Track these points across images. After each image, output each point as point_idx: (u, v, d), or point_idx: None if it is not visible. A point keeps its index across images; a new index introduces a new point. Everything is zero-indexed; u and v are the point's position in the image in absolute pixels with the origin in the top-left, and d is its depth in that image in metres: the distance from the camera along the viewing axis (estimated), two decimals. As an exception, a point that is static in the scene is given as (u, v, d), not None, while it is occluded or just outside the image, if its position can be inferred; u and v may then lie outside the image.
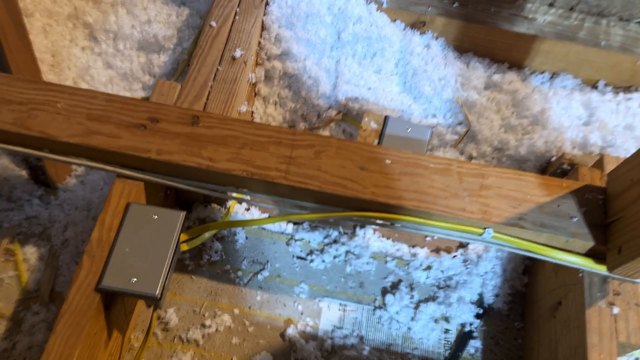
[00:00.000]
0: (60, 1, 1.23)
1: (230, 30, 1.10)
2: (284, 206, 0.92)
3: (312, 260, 1.11)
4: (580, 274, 0.91)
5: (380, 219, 0.88)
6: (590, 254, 0.88)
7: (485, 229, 0.87)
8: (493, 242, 0.89)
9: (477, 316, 1.07)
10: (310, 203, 0.91)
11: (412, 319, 1.06)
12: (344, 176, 0.89)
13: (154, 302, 0.84)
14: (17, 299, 1.02)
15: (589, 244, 0.86)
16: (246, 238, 1.13)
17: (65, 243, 1.08)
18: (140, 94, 1.23)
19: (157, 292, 0.81)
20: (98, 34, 1.24)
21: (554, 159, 1.11)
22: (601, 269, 0.87)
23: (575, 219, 0.88)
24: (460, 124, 1.23)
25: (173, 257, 0.85)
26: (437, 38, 1.25)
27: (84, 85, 1.21)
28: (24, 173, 1.14)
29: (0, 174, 1.13)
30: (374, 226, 1.13)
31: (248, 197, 0.93)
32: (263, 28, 1.18)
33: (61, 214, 1.10)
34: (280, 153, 0.90)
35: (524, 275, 1.11)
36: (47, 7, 1.20)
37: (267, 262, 1.10)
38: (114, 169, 0.90)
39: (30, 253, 1.06)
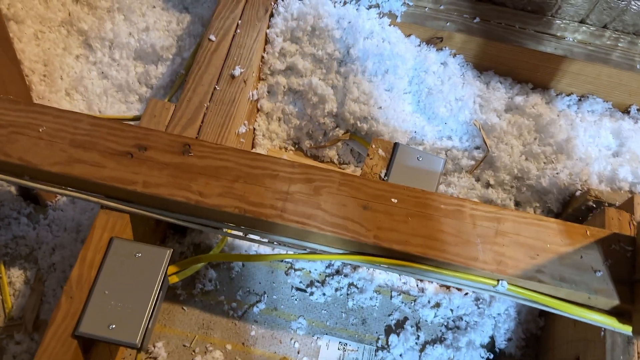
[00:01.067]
0: (54, 6, 1.16)
1: (231, 45, 1.02)
2: (280, 245, 0.85)
3: (312, 293, 1.04)
4: (603, 332, 0.83)
5: (384, 264, 0.81)
6: (614, 313, 0.80)
7: (499, 280, 0.79)
8: (507, 295, 0.81)
9: (487, 362, 1.00)
10: (308, 243, 0.83)
11: (417, 362, 0.99)
12: (346, 216, 0.81)
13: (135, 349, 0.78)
14: (0, 326, 0.97)
15: (614, 301, 0.78)
16: (242, 266, 1.06)
17: (52, 267, 1.02)
18: (136, 106, 1.16)
19: (137, 341, 0.75)
20: (93, 41, 1.17)
21: (578, 193, 1.02)
22: (626, 330, 0.78)
23: (599, 273, 0.79)
24: (477, 148, 1.14)
25: (156, 301, 0.78)
26: (455, 55, 1.16)
27: (77, 97, 1.15)
28: (12, 189, 1.08)
29: (-13, 190, 1.07)
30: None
31: (240, 234, 0.86)
32: (267, 41, 1.10)
33: (49, 235, 1.04)
34: (277, 188, 0.82)
35: (540, 318, 1.03)
36: (40, 12, 1.13)
37: (264, 293, 1.04)
38: (98, 200, 0.84)
39: (15, 276, 1.01)
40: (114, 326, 0.75)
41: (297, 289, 1.05)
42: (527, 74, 1.16)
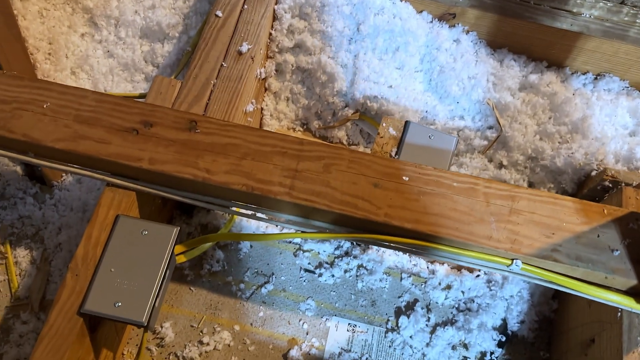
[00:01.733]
0: (59, -17, 1.14)
1: (238, 21, 1.00)
2: (288, 224, 0.83)
3: (320, 275, 1.03)
4: (619, 313, 0.81)
5: (394, 243, 0.79)
6: (631, 293, 0.78)
7: (513, 260, 0.77)
8: (522, 274, 0.79)
9: (500, 344, 0.98)
10: (317, 222, 0.82)
11: (428, 344, 0.97)
12: (356, 194, 0.79)
13: (142, 328, 0.76)
14: (7, 305, 0.97)
15: (631, 281, 0.76)
16: (250, 247, 1.05)
17: (59, 247, 1.01)
18: (142, 85, 1.14)
19: (144, 318, 0.74)
20: (98, 19, 1.15)
21: (594, 173, 0.99)
22: (644, 311, 0.76)
23: (616, 252, 0.77)
24: (490, 128, 1.11)
25: (163, 279, 0.77)
26: (468, 32, 1.13)
27: (83, 75, 1.13)
28: (18, 169, 1.07)
29: (-7, 170, 1.06)
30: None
31: (248, 212, 0.84)
32: (274, 18, 1.08)
33: (55, 215, 1.03)
34: (285, 165, 0.81)
35: (554, 300, 1.01)
36: (44, -11, 1.11)
37: (272, 274, 1.02)
38: (103, 177, 0.82)
39: (22, 256, 1.00)
40: (120, 304, 0.74)
41: (306, 270, 1.03)
42: (542, 52, 1.13)
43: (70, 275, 0.76)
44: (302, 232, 0.83)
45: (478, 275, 1.03)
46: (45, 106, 0.82)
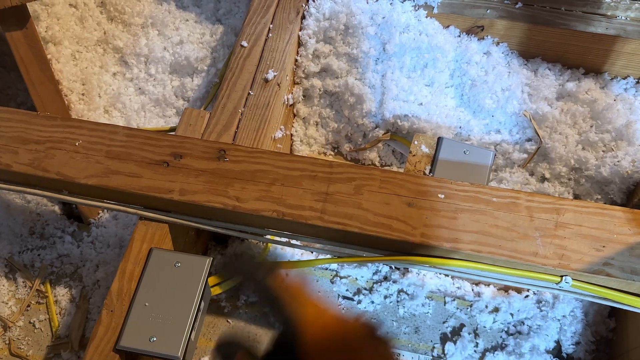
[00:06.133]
0: (90, 26, 1.17)
1: (263, 49, 1.00)
2: (323, 250, 0.81)
3: (359, 301, 0.99)
4: (686, 330, 0.74)
5: (433, 265, 0.76)
6: (698, 307, 0.71)
7: (562, 276, 0.72)
8: (573, 292, 0.74)
9: (554, 368, 0.92)
10: (351, 246, 0.79)
11: (476, 371, 0.92)
12: (389, 215, 0.76)
13: (178, 362, 0.75)
14: (48, 345, 0.97)
15: (697, 295, 0.70)
16: (286, 275, 1.02)
17: (97, 284, 1.02)
18: (174, 119, 1.16)
19: (179, 353, 0.72)
20: (129, 58, 1.18)
21: (644, 181, 0.93)
22: None
23: (677, 264, 0.71)
24: (529, 140, 1.07)
25: (198, 311, 0.76)
26: (498, 44, 1.10)
27: (116, 113, 1.15)
28: (56, 208, 1.09)
29: (33, 210, 1.08)
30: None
31: (282, 240, 0.83)
32: (299, 44, 1.08)
33: (93, 252, 1.04)
34: (316, 189, 0.79)
35: (610, 318, 0.95)
36: (76, 33, 1.15)
37: (310, 303, 0.99)
38: (136, 211, 0.82)
39: (61, 295, 1.01)
40: (155, 339, 0.73)
41: (344, 297, 1.00)
42: (577, 59, 1.09)
43: (106, 312, 0.76)
44: (337, 257, 0.81)
45: (527, 296, 0.97)
46: (77, 144, 0.83)
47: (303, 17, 1.08)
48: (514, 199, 0.77)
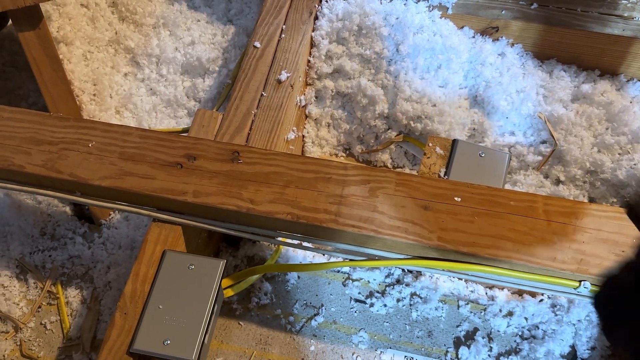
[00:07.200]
0: (101, 26, 1.17)
1: (276, 50, 1.00)
2: (336, 252, 0.80)
3: (372, 304, 0.98)
4: None
5: (450, 269, 0.75)
6: None
7: (581, 281, 0.71)
8: (591, 297, 0.73)
9: (570, 374, 0.91)
10: (366, 248, 0.78)
11: (491, 376, 0.91)
12: (405, 218, 0.76)
13: (191, 366, 0.74)
14: (59, 346, 0.97)
15: None
16: (298, 277, 1.02)
17: (108, 285, 1.01)
18: (185, 120, 1.15)
19: (193, 356, 0.72)
20: (140, 58, 1.17)
21: (661, 184, 0.92)
22: None
23: (699, 269, 0.70)
24: (544, 142, 1.06)
25: (212, 314, 0.75)
26: (513, 45, 1.09)
27: (127, 114, 1.15)
28: (67, 210, 1.09)
29: (44, 211, 1.08)
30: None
31: (294, 242, 0.82)
32: (312, 45, 1.07)
33: (104, 254, 1.04)
34: (330, 191, 0.78)
35: (627, 324, 0.93)
36: (88, 33, 1.15)
37: (322, 305, 0.99)
38: (149, 213, 0.82)
39: (72, 296, 1.01)
40: (169, 342, 0.72)
41: (356, 300, 0.99)
42: (593, 60, 1.08)
43: (119, 314, 0.75)
44: (351, 260, 0.80)
45: (541, 300, 0.96)
46: (90, 145, 0.83)
47: (316, 18, 1.07)
48: (531, 203, 0.76)
